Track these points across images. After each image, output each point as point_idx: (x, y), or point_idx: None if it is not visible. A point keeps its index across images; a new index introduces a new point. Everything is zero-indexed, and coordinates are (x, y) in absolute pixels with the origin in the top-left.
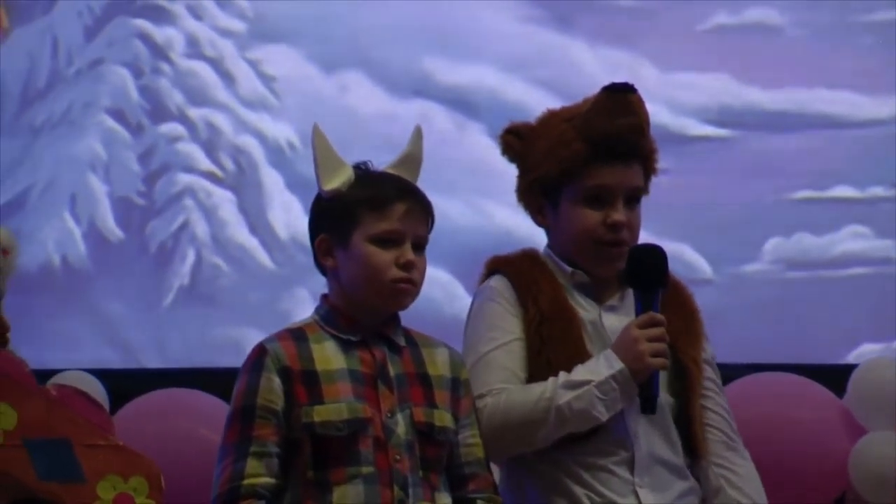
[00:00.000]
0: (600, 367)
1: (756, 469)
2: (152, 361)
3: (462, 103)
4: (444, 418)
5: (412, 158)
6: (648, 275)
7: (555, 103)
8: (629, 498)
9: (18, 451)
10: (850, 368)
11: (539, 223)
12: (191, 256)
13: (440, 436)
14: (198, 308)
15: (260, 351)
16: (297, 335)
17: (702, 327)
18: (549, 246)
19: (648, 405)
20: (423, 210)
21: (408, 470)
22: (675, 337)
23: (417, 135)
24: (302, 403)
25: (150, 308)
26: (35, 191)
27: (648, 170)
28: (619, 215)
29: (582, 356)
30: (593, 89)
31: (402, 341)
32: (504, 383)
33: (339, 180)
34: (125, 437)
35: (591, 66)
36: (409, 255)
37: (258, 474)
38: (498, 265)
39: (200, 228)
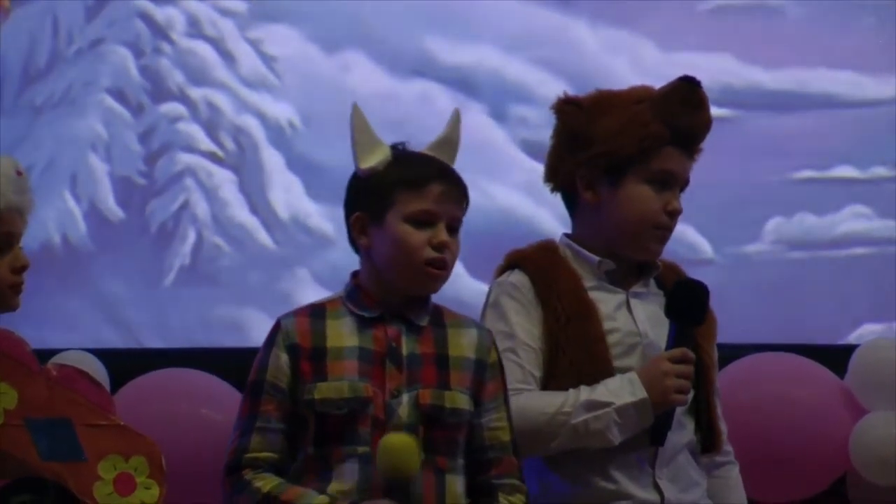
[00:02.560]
0: (623, 392)
1: (752, 470)
2: (153, 341)
3: (463, 83)
4: (456, 400)
5: (449, 142)
6: (691, 312)
7: (556, 83)
8: (650, 490)
9: (20, 431)
10: (851, 349)
11: (587, 199)
12: (191, 236)
13: (451, 418)
14: (198, 288)
15: (275, 327)
16: (316, 311)
17: (716, 329)
18: (575, 230)
19: (658, 437)
20: (459, 192)
21: None
22: (699, 335)
23: (455, 119)
24: (307, 380)
25: (150, 288)
26: (35, 170)
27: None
28: (678, 203)
29: (603, 355)
30: (594, 69)
31: (423, 321)
32: (521, 383)
33: (375, 159)
34: (126, 417)
35: (592, 46)
36: (443, 235)
37: (261, 449)
38: (517, 260)
39: (201, 208)
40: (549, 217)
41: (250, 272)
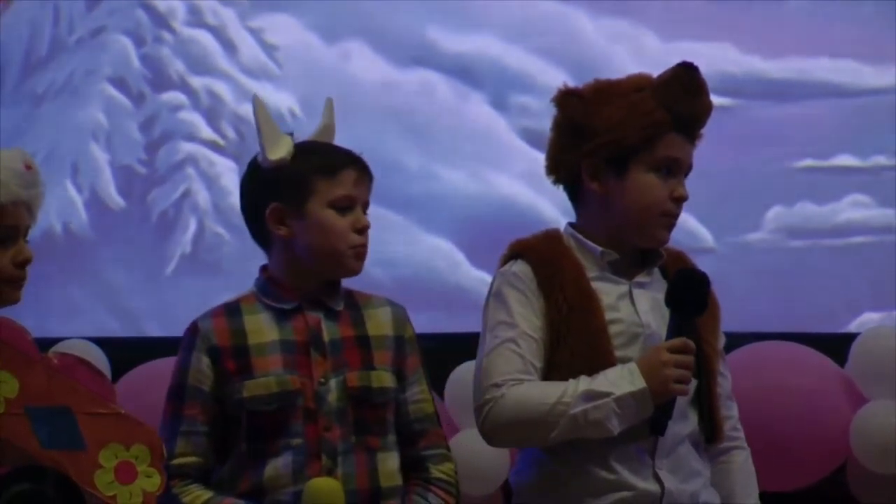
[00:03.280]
0: (622, 382)
1: (752, 459)
2: (154, 330)
3: (464, 72)
4: (382, 378)
5: (329, 129)
6: (692, 302)
7: (557, 73)
8: (650, 481)
9: (20, 420)
10: (851, 337)
11: (592, 189)
12: (192, 225)
13: (379, 397)
14: (199, 276)
15: (192, 330)
16: (232, 309)
17: (720, 317)
18: (579, 220)
19: (658, 427)
20: (369, 176)
21: (338, 438)
22: (701, 324)
23: (330, 107)
24: (233, 380)
25: (151, 276)
26: (37, 159)
27: None
28: (684, 190)
29: (605, 346)
30: (595, 58)
31: (339, 306)
32: (521, 374)
33: (283, 150)
34: (127, 406)
35: (592, 35)
36: (365, 220)
37: (186, 454)
38: (520, 249)
39: (202, 197)
40: (549, 206)
41: (251, 261)
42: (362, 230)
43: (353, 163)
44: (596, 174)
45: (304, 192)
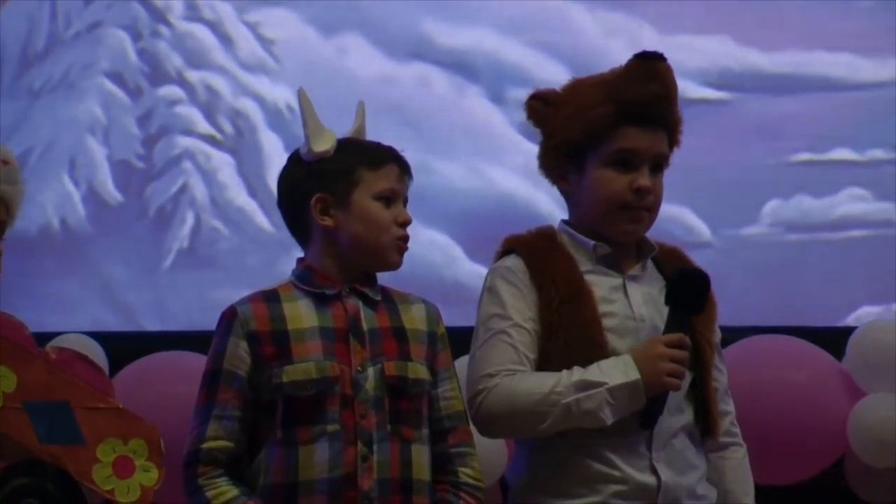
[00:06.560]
0: (616, 372)
1: (750, 453)
2: (151, 324)
3: (461, 66)
4: (417, 371)
5: (361, 131)
6: (690, 300)
7: (554, 66)
8: (646, 473)
9: (19, 414)
10: (849, 331)
11: (562, 189)
12: (190, 219)
13: (414, 388)
14: (197, 271)
15: (230, 315)
16: (270, 296)
17: (716, 313)
18: (569, 218)
19: (648, 420)
20: (409, 174)
21: (374, 426)
22: (697, 319)
23: (362, 111)
24: (272, 365)
25: (149, 271)
26: (34, 154)
27: (672, 140)
28: (644, 180)
29: (599, 337)
30: (592, 52)
31: (377, 296)
32: (514, 365)
33: (328, 143)
34: (124, 401)
35: (590, 29)
36: (407, 214)
37: (218, 437)
38: (513, 244)
39: (199, 191)
40: (547, 200)
41: (249, 255)
42: (404, 224)
43: (395, 158)
44: (563, 174)
45: (349, 182)
